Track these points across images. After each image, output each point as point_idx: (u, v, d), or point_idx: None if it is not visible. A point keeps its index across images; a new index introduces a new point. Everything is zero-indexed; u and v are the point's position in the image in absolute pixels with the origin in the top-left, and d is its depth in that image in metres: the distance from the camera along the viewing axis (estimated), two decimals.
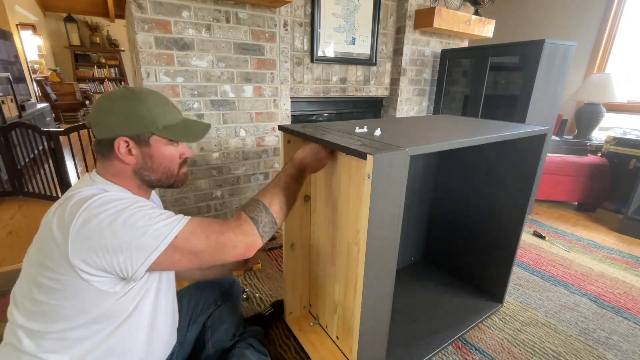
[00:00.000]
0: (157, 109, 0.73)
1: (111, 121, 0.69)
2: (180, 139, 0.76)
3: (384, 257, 0.81)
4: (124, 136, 0.69)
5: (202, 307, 1.05)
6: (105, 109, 0.70)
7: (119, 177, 0.73)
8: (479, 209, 1.43)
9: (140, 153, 0.72)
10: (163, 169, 0.76)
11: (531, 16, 3.31)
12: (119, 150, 0.70)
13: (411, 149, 0.75)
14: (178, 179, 0.80)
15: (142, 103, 0.71)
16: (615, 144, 2.49)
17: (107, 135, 0.69)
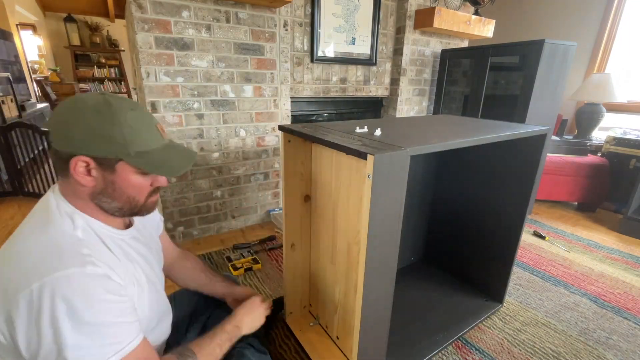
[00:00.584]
0: (133, 131, 0.60)
1: (73, 135, 0.57)
2: (153, 171, 0.64)
3: (384, 257, 0.81)
4: (85, 155, 0.58)
5: (203, 307, 1.05)
6: (72, 120, 0.58)
7: (79, 199, 0.62)
8: (479, 209, 1.43)
9: (102, 177, 0.61)
10: (126, 197, 0.64)
11: (531, 16, 3.31)
12: (74, 170, 0.58)
13: (412, 149, 0.75)
14: (144, 209, 0.69)
15: (116, 123, 0.59)
16: (615, 144, 2.49)
17: (65, 148, 0.58)
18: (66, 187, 0.62)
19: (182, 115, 1.73)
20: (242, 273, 1.64)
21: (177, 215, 1.86)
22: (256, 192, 2.12)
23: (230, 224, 2.08)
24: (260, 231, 2.08)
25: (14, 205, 2.35)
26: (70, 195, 0.62)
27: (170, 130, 1.72)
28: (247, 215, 2.13)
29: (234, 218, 2.08)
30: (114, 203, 0.64)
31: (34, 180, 2.50)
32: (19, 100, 3.39)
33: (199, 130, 1.80)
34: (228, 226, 2.08)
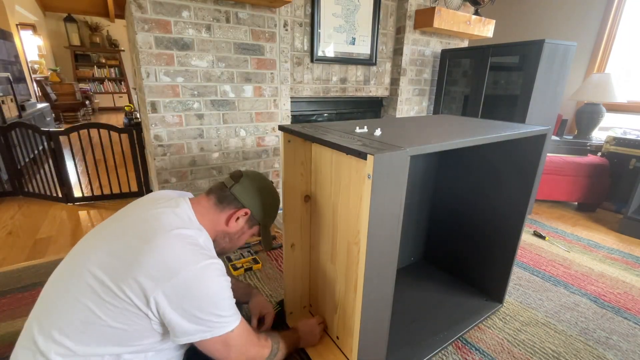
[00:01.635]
0: (275, 212, 0.98)
1: (254, 201, 0.90)
2: (263, 238, 0.99)
3: (384, 257, 0.81)
4: (251, 211, 0.89)
5: None
6: (259, 192, 0.92)
7: (210, 225, 0.85)
8: (479, 209, 1.43)
9: (241, 228, 0.91)
10: (234, 245, 0.94)
11: (531, 16, 3.31)
12: (235, 215, 0.87)
13: (411, 149, 0.75)
14: (230, 252, 1.03)
15: (275, 205, 0.97)
16: (615, 144, 2.49)
17: (244, 202, 0.89)
18: (212, 213, 0.87)
19: (182, 115, 1.73)
20: (242, 273, 1.64)
21: None
22: None
23: None
24: None
25: (14, 205, 2.35)
26: (207, 217, 0.85)
27: (170, 130, 1.72)
28: None
29: None
30: (229, 245, 0.93)
31: (34, 180, 2.50)
32: (19, 100, 3.39)
33: (199, 130, 1.80)
34: None
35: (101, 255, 0.70)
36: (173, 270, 0.67)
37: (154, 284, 0.66)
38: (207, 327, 0.72)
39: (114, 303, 0.66)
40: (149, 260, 0.68)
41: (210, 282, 0.72)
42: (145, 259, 0.67)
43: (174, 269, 0.68)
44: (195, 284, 0.69)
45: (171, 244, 0.71)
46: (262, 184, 0.94)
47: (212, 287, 0.72)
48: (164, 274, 0.67)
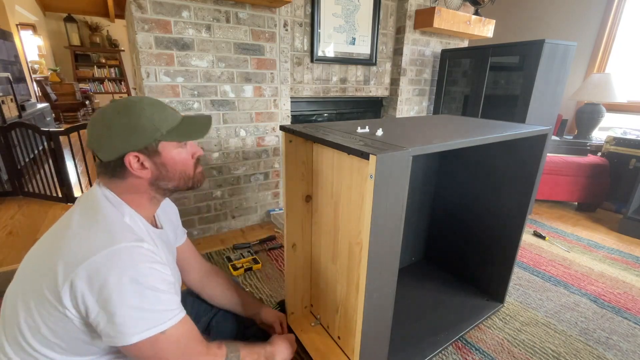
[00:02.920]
0: (155, 115, 0.70)
1: (114, 141, 0.67)
2: (188, 138, 0.74)
3: (386, 257, 0.81)
4: (132, 151, 0.68)
5: (206, 308, 1.05)
6: (105, 129, 0.67)
7: (133, 193, 0.72)
8: (479, 209, 1.43)
9: (154, 164, 0.71)
10: (179, 174, 0.76)
11: (531, 16, 3.32)
12: (131, 167, 0.68)
13: (414, 149, 0.75)
14: (196, 180, 0.80)
15: (140, 114, 0.68)
16: (615, 144, 2.50)
17: (114, 155, 0.68)
18: (120, 187, 0.71)
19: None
20: (242, 273, 1.64)
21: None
22: (256, 192, 2.12)
23: (230, 224, 2.08)
24: (260, 231, 2.08)
25: (14, 205, 2.35)
26: (125, 192, 0.72)
27: None
28: (247, 215, 2.13)
29: (234, 218, 2.08)
30: (171, 182, 0.75)
31: (34, 180, 2.50)
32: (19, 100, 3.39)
33: None
34: (228, 226, 2.08)
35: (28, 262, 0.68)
36: (82, 257, 0.59)
37: (64, 274, 0.59)
38: (126, 326, 0.60)
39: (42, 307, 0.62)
40: (60, 251, 0.61)
41: (127, 267, 0.60)
42: (57, 251, 0.62)
43: (82, 255, 0.59)
44: (106, 270, 0.58)
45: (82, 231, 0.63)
46: (99, 125, 0.68)
47: (128, 273, 0.60)
48: (73, 261, 0.59)
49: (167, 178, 0.74)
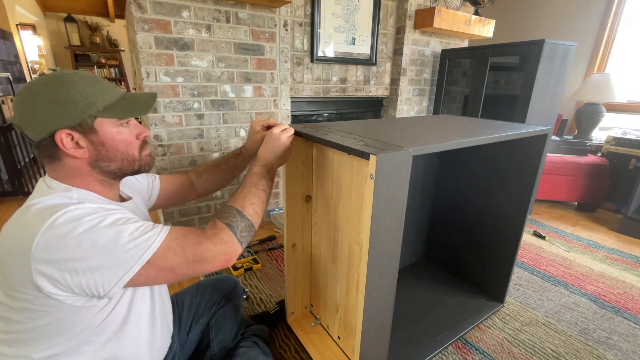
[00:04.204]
0: (89, 89, 0.62)
1: (42, 116, 0.59)
2: (126, 115, 0.66)
3: (386, 256, 0.81)
4: (64, 128, 0.60)
5: (204, 308, 1.05)
6: (31, 103, 0.59)
7: (76, 177, 0.64)
8: (479, 209, 1.43)
9: (90, 143, 0.63)
10: (121, 154, 0.67)
11: (531, 16, 3.32)
12: (63, 146, 0.60)
13: (414, 149, 0.75)
14: (142, 163, 0.72)
15: (70, 86, 0.61)
16: (615, 144, 2.50)
17: (44, 133, 0.60)
18: (60, 171, 0.64)
19: (182, 115, 1.72)
20: (242, 273, 1.64)
21: (177, 215, 1.86)
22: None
23: None
24: (260, 231, 2.08)
25: (14, 205, 2.35)
26: (67, 176, 0.64)
27: (170, 130, 1.72)
28: None
29: None
30: (113, 164, 0.67)
31: (34, 180, 2.50)
32: None
33: (199, 130, 1.80)
34: None
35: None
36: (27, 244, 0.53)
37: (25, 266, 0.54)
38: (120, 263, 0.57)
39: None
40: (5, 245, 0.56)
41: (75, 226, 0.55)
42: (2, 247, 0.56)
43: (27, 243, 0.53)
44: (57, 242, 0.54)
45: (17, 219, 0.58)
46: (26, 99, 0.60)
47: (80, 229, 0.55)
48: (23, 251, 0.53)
49: (108, 159, 0.66)
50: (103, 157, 0.65)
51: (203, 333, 1.02)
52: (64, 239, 0.54)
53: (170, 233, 0.63)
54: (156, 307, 0.78)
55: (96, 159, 0.65)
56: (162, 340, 0.82)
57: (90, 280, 0.55)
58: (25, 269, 0.53)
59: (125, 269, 0.57)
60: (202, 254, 0.64)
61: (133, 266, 0.57)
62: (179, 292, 1.07)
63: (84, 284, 0.55)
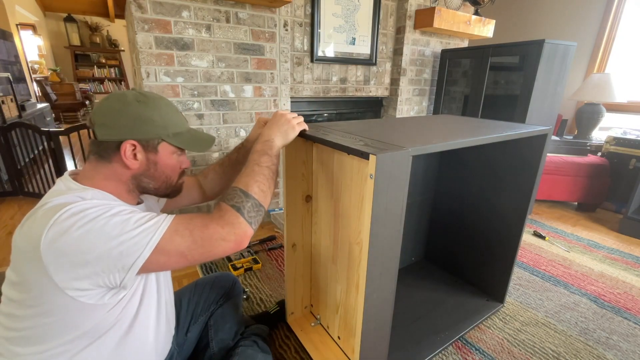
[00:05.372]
0: (169, 115, 0.71)
1: (121, 123, 0.66)
2: (190, 148, 0.74)
3: (386, 257, 0.81)
4: (133, 139, 0.66)
5: (203, 307, 1.05)
6: (117, 110, 0.66)
7: (110, 180, 0.68)
8: (479, 209, 1.43)
9: (146, 159, 0.69)
10: (165, 177, 0.73)
11: (531, 16, 3.32)
12: (124, 154, 0.66)
13: (413, 149, 0.75)
14: (175, 189, 0.78)
15: (156, 108, 0.69)
16: (615, 144, 2.50)
17: (114, 137, 0.65)
18: (99, 171, 0.67)
19: None
20: (242, 273, 1.64)
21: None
22: None
23: None
24: (260, 231, 2.08)
25: (14, 205, 2.35)
26: (101, 178, 0.67)
27: None
28: None
29: None
30: (153, 183, 0.73)
31: (34, 180, 2.50)
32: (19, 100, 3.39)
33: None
34: None
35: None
36: (35, 242, 0.54)
37: (38, 264, 0.55)
38: (129, 249, 0.57)
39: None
40: (19, 247, 0.57)
41: (79, 219, 0.56)
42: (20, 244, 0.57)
43: (35, 241, 0.54)
44: (61, 235, 0.54)
45: (38, 218, 0.58)
46: (115, 104, 0.67)
47: (84, 220, 0.56)
48: (33, 250, 0.55)
49: (152, 177, 0.72)
50: (149, 175, 0.71)
51: (202, 333, 1.02)
52: (70, 232, 0.55)
53: (176, 218, 0.65)
54: (162, 309, 0.78)
55: (142, 174, 0.70)
56: (165, 341, 0.82)
57: (104, 268, 0.56)
58: (38, 265, 0.54)
59: (136, 255, 0.58)
60: (210, 237, 0.64)
61: (143, 251, 0.58)
62: (176, 290, 1.07)
63: (99, 273, 0.57)
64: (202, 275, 1.60)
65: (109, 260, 0.57)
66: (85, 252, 0.55)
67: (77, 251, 0.55)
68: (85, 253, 0.55)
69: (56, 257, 0.54)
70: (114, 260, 0.57)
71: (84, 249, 0.55)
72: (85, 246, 0.55)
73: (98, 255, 0.56)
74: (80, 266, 0.55)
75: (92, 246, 0.55)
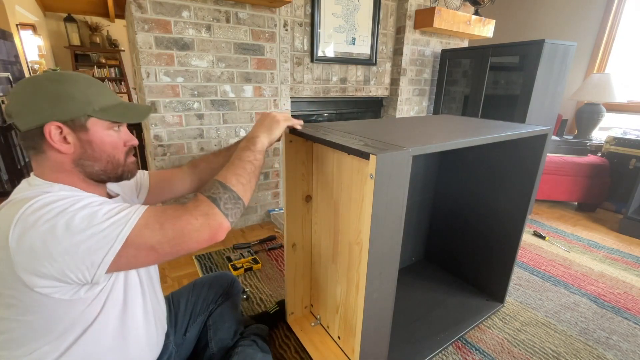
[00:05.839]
0: (90, 89, 0.64)
1: (37, 106, 0.60)
2: (123, 120, 0.68)
3: (386, 257, 0.81)
4: (55, 121, 0.60)
5: (202, 307, 1.04)
6: (29, 93, 0.60)
7: (60, 172, 0.64)
8: (479, 209, 1.43)
9: (78, 140, 0.63)
10: (107, 157, 0.67)
11: (531, 16, 3.32)
12: (50, 138, 0.60)
13: (414, 149, 0.75)
14: (126, 169, 0.72)
15: (73, 84, 0.63)
16: (615, 144, 2.50)
17: (34, 123, 0.60)
18: (44, 166, 0.63)
19: (182, 116, 1.72)
20: (242, 273, 1.64)
21: None
22: (256, 192, 2.11)
23: None
24: (260, 231, 2.08)
25: None
26: (50, 171, 0.64)
27: (170, 130, 1.72)
28: (247, 215, 2.13)
29: None
30: (97, 165, 0.67)
31: None
32: None
33: (199, 130, 1.80)
34: None
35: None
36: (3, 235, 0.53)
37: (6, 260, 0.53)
38: (98, 243, 0.55)
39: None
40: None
41: (47, 212, 0.54)
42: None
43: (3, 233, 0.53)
44: (29, 228, 0.53)
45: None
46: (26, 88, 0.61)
47: (52, 213, 0.54)
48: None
49: (93, 158, 0.66)
50: (88, 156, 0.65)
51: (201, 333, 1.02)
52: (37, 225, 0.53)
53: (147, 210, 0.62)
54: (148, 305, 0.76)
55: (80, 157, 0.64)
56: (158, 339, 0.81)
57: (71, 264, 0.54)
58: (7, 263, 0.52)
59: (105, 250, 0.56)
60: (182, 229, 0.61)
61: (113, 245, 0.56)
62: (174, 291, 1.07)
63: (66, 270, 0.54)
64: (202, 275, 1.60)
65: (76, 257, 0.54)
66: (51, 247, 0.53)
67: (43, 247, 0.53)
68: (51, 249, 0.53)
69: (24, 253, 0.52)
70: (81, 256, 0.54)
71: (49, 244, 0.53)
72: (51, 242, 0.53)
73: (64, 249, 0.53)
74: (47, 262, 0.53)
75: (58, 242, 0.53)
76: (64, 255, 0.53)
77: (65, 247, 0.53)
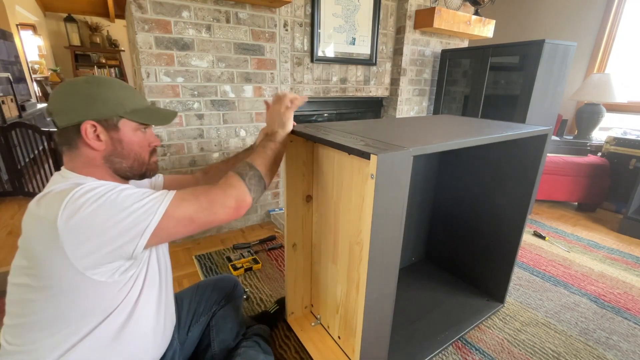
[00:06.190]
0: (122, 92, 0.72)
1: (75, 106, 0.67)
2: (150, 122, 0.75)
3: (386, 257, 0.81)
4: (91, 120, 0.67)
5: (205, 308, 1.05)
6: (68, 94, 0.67)
7: (91, 167, 0.70)
8: (479, 209, 1.43)
9: (110, 138, 0.70)
10: (134, 155, 0.74)
11: (531, 16, 3.32)
12: (86, 135, 0.67)
13: (414, 149, 0.75)
14: (150, 168, 0.79)
15: (107, 87, 0.70)
16: (615, 144, 2.50)
17: (72, 121, 0.67)
18: (76, 160, 0.70)
19: (182, 116, 1.73)
20: (242, 273, 1.64)
21: None
22: None
23: (230, 224, 2.08)
24: (260, 231, 2.08)
25: (14, 205, 2.34)
26: (82, 166, 0.70)
27: (170, 130, 1.72)
28: (247, 215, 2.13)
29: None
30: (125, 162, 0.74)
31: (34, 180, 2.50)
32: (19, 100, 3.39)
33: (199, 130, 1.80)
34: (228, 226, 2.08)
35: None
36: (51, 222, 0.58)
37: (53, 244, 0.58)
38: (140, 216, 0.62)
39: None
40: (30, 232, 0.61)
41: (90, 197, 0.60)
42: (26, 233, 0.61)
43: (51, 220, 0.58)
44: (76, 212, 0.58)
45: (35, 206, 0.62)
46: (66, 89, 0.68)
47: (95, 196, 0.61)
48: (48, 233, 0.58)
49: (122, 156, 0.72)
50: (117, 154, 0.72)
51: (203, 333, 1.02)
52: (85, 205, 0.59)
53: (179, 191, 0.70)
54: (162, 296, 0.81)
55: (111, 153, 0.71)
56: (165, 332, 0.83)
57: (117, 237, 0.60)
58: (54, 246, 0.57)
59: (147, 221, 0.63)
60: (213, 199, 0.71)
61: (154, 217, 0.63)
62: (179, 292, 1.07)
63: (113, 243, 0.60)
64: (204, 277, 1.60)
65: (122, 228, 0.60)
66: (100, 223, 0.59)
67: (92, 224, 0.59)
68: (99, 224, 0.59)
69: (73, 234, 0.57)
70: (127, 228, 0.61)
71: (98, 220, 0.59)
72: (99, 218, 0.59)
73: (112, 224, 0.60)
74: (95, 237, 0.59)
75: (106, 217, 0.59)
76: (112, 229, 0.60)
77: (113, 222, 0.60)
